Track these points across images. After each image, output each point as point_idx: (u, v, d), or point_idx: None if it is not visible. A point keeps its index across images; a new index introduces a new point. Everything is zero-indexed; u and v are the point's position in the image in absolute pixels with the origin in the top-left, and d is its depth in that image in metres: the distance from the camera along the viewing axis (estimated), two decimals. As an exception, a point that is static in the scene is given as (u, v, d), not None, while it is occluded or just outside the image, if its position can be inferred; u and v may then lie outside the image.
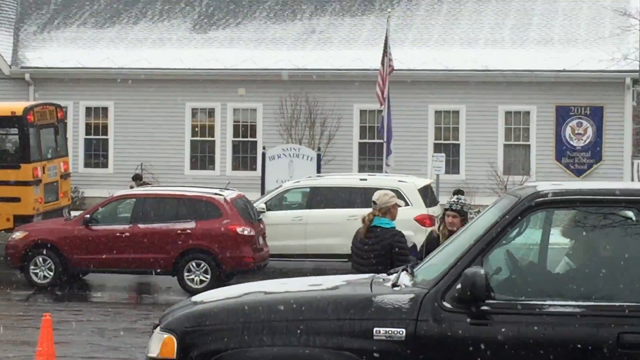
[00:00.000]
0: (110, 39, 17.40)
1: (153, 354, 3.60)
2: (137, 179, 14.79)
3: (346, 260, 10.11)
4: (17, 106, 14.56)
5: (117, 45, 17.34)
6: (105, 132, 16.90)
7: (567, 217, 3.76)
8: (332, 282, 4.15)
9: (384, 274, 4.12)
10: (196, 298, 4.05)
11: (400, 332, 3.38)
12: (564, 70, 15.67)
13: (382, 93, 14.98)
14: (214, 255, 12.20)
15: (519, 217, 3.45)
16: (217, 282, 11.65)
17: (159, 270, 12.35)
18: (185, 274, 12.13)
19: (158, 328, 3.69)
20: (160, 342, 3.61)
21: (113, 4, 18.45)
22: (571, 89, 15.81)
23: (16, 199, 14.10)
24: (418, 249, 7.45)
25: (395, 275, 3.79)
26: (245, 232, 12.24)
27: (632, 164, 16.84)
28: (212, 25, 17.72)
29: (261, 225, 12.73)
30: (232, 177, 15.26)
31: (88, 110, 16.81)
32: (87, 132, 16.96)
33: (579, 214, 3.60)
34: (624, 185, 7.64)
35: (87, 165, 16.74)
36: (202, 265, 12.05)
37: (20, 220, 13.94)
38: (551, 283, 3.59)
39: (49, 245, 12.47)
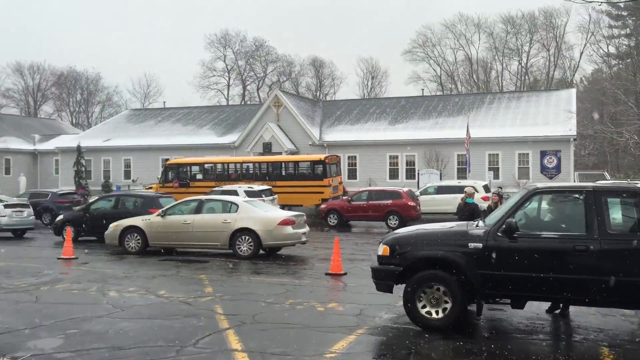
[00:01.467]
0: (356, 130, 39.37)
1: (379, 253, 8.37)
2: (371, 183, 35.96)
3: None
4: (321, 156, 35.58)
5: (353, 130, 39.54)
6: (354, 165, 38.22)
7: (549, 197, 8.22)
8: (451, 225, 8.90)
9: (471, 222, 9.02)
10: (396, 230, 9.11)
11: (479, 246, 7.77)
12: (546, 136, 35.46)
13: (467, 146, 35.12)
14: (400, 213, 25.59)
15: (528, 197, 7.92)
16: (402, 224, 23.22)
17: (376, 219, 26.82)
18: (388, 221, 27.43)
19: (381, 243, 8.45)
20: (381, 248, 8.34)
21: (358, 113, 41.43)
22: (547, 143, 35.37)
23: (320, 192, 34.89)
24: (484, 211, 13.54)
25: (476, 222, 8.57)
26: (411, 204, 26.91)
27: (574, 176, 36.04)
28: (397, 122, 39.52)
29: (417, 200, 27.94)
30: (407, 183, 35.89)
31: (349, 157, 38.25)
32: (349, 165, 38.42)
33: (554, 195, 8.26)
34: (571, 184, 16.91)
35: (348, 178, 37.85)
36: (395, 217, 26.71)
37: (323, 201, 31.35)
38: (542, 224, 8.06)
39: (335, 209, 31.08)
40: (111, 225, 17.49)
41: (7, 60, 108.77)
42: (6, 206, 22.61)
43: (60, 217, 21.25)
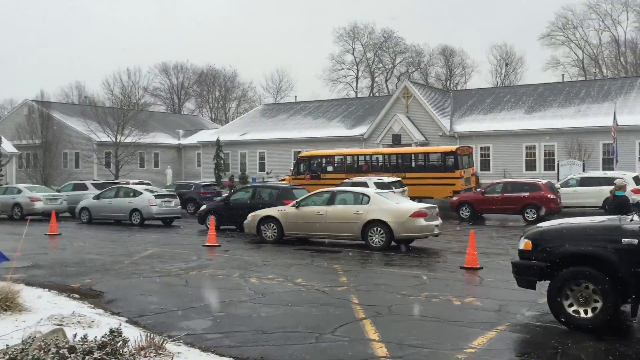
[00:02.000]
0: (489, 120, 38.15)
1: (521, 247, 8.10)
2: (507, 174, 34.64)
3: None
4: (452, 147, 34.67)
5: (486, 120, 38.25)
6: (487, 156, 37.11)
7: None
8: (601, 219, 8.27)
9: (624, 216, 8.35)
10: (539, 224, 8.55)
11: (635, 242, 7.21)
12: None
13: (614, 134, 32.57)
14: (539, 206, 24.22)
15: None
16: (541, 218, 22.64)
17: (512, 212, 25.92)
18: (526, 214, 25.85)
19: (522, 236, 8.16)
20: (523, 243, 8.06)
21: (491, 102, 39.92)
22: None
23: (452, 184, 34.23)
24: (636, 204, 15.23)
25: (630, 216, 8.04)
26: (551, 197, 25.88)
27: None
28: (534, 110, 37.61)
29: (558, 193, 26.64)
30: (545, 175, 34.14)
31: (482, 148, 37.20)
32: (482, 156, 37.33)
33: None
34: None
35: (481, 170, 36.75)
36: (533, 210, 25.03)
37: (454, 193, 30.31)
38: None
39: (467, 202, 30.54)
40: (249, 215, 18.34)
41: (154, 61, 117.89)
42: (156, 197, 24.51)
43: (204, 207, 22.65)
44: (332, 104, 51.15)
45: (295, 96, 59.44)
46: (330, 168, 35.32)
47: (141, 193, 24.72)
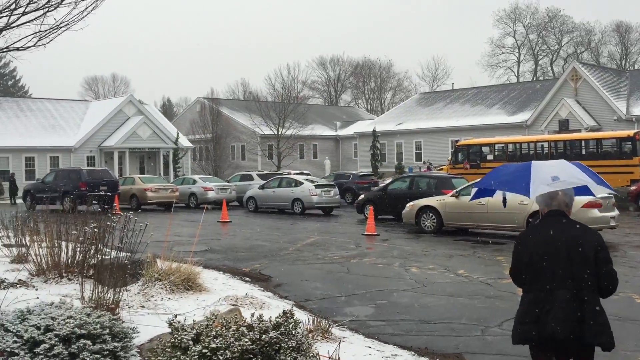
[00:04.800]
0: None
1: None
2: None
3: None
4: (630, 132, 31.72)
5: None
6: None
7: None
8: None
9: None
10: None
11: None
12: None
13: None
14: None
15: None
16: None
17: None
18: None
19: None
20: None
21: None
22: None
23: (630, 172, 31.16)
24: None
25: None
26: None
27: None
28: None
29: None
30: None
31: None
32: None
33: None
34: None
35: None
36: None
37: (632, 182, 27.93)
38: None
39: None
40: (408, 204, 18.27)
41: (312, 55, 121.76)
42: (317, 186, 25.35)
43: (362, 196, 22.99)
44: (492, 90, 49.14)
45: (452, 84, 58.18)
46: (490, 157, 34.00)
47: (302, 183, 25.71)
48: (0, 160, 39.68)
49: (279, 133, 47.58)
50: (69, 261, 8.97)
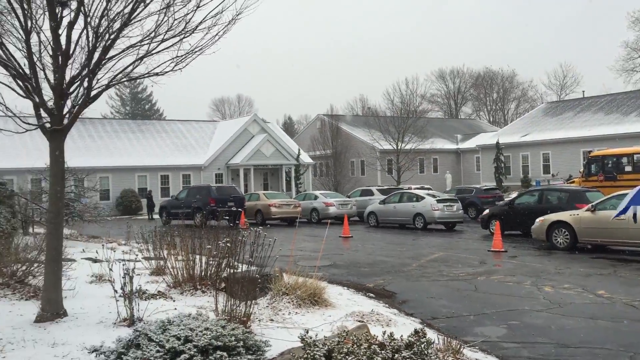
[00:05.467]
0: None
1: None
2: None
3: None
4: None
5: None
6: None
7: None
8: None
9: None
10: None
11: None
12: None
13: None
14: None
15: None
16: None
17: None
18: None
19: None
20: None
21: None
22: None
23: None
24: None
25: None
26: None
27: None
28: None
29: None
30: None
31: None
32: None
33: None
34: None
35: None
36: None
37: None
38: None
39: None
40: (538, 219, 17.32)
41: (431, 69, 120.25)
42: (439, 201, 24.82)
43: (487, 211, 22.15)
44: (628, 96, 45.65)
45: (583, 91, 54.63)
46: (628, 168, 31.47)
47: (424, 198, 25.29)
48: (140, 179, 42.82)
49: (398, 147, 47.28)
50: (203, 274, 9.40)
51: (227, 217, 15.65)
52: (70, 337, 6.21)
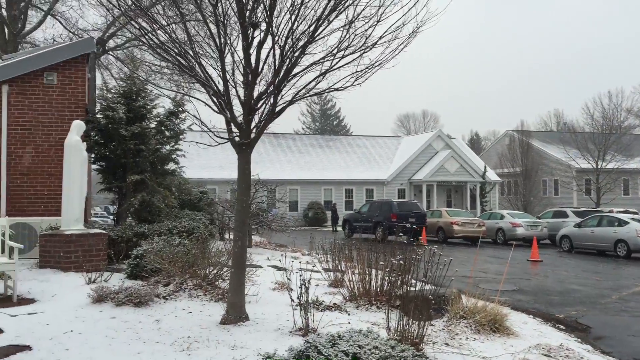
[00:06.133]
0: None
1: None
2: None
3: None
4: None
5: None
6: None
7: None
8: None
9: None
10: None
11: None
12: None
13: None
14: None
15: None
16: None
17: None
18: None
19: None
20: None
21: None
22: None
23: None
24: None
25: None
26: None
27: None
28: None
29: None
30: None
31: None
32: None
33: None
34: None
35: None
36: None
37: None
38: None
39: None
40: None
41: (639, 80, 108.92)
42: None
43: None
44: None
45: None
46: None
47: (627, 222, 22.71)
48: (325, 192, 44.48)
49: (599, 166, 43.27)
50: (378, 290, 9.31)
51: (405, 233, 15.44)
52: (249, 341, 6.48)
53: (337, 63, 7.14)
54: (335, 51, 7.13)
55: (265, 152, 46.17)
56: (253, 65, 7.17)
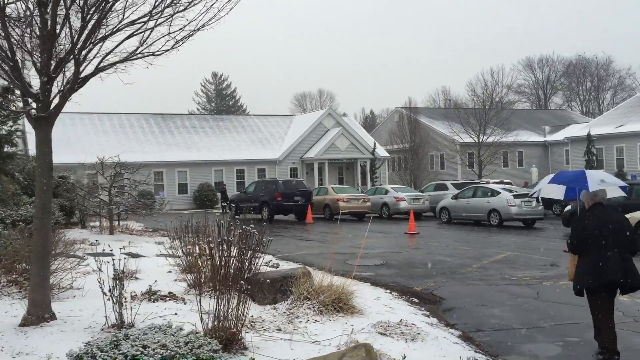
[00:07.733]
0: None
1: None
2: None
3: None
4: None
5: None
6: None
7: None
8: None
9: None
10: None
11: None
12: None
13: None
14: None
15: None
16: None
17: None
18: None
19: None
20: None
21: None
22: None
23: None
24: None
25: None
26: None
27: None
28: None
29: None
30: None
31: None
32: None
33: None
34: None
35: None
36: None
37: None
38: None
39: None
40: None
41: (518, 58, 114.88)
42: (516, 196, 23.02)
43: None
44: None
45: (688, 76, 49.87)
46: None
47: (499, 192, 23.56)
48: (216, 173, 43.27)
49: (480, 140, 45.04)
50: (225, 274, 8.68)
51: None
52: (44, 344, 5.63)
53: (146, 23, 6.33)
54: (147, 14, 6.33)
55: (151, 134, 44.13)
56: (49, 26, 6.21)
